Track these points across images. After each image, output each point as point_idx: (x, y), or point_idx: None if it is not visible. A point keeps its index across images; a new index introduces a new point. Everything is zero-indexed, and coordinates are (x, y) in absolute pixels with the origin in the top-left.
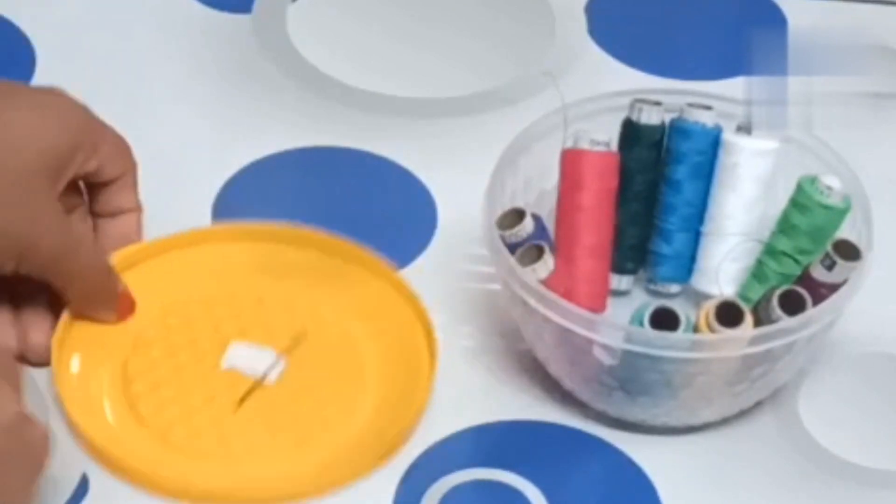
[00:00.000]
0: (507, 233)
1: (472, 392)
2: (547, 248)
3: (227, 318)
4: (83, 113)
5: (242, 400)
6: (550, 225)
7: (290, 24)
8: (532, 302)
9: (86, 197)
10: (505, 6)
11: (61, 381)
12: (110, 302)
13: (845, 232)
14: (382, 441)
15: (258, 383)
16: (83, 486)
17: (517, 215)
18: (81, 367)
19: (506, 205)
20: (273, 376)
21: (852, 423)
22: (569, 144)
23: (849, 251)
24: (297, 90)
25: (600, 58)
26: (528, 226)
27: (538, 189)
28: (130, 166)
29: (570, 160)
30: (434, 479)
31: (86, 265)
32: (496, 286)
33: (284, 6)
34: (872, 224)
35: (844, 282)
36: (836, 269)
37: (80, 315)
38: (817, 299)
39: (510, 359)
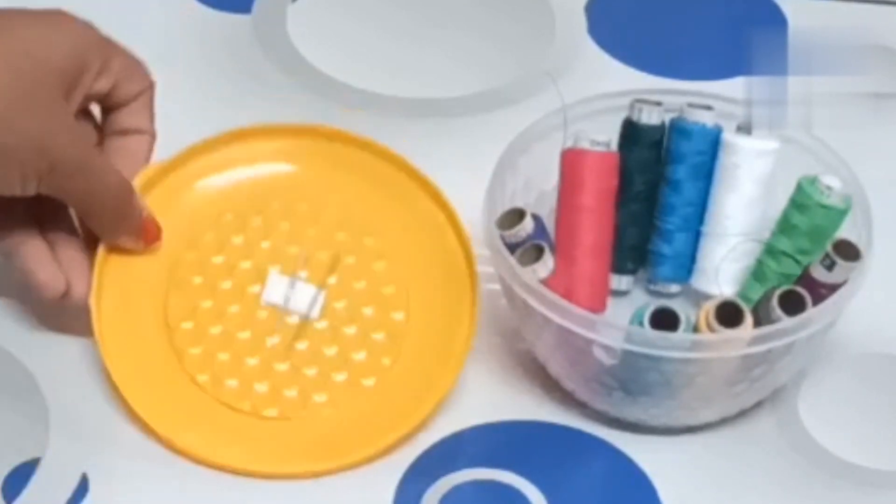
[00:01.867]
0: (507, 233)
1: (472, 392)
2: (547, 248)
3: (259, 240)
4: (92, 31)
5: (291, 344)
6: (550, 225)
7: (291, 24)
8: (532, 302)
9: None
10: (505, 6)
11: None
12: (134, 223)
13: (845, 232)
14: (438, 364)
15: (303, 324)
16: (83, 486)
17: (517, 215)
18: (117, 321)
19: (506, 205)
20: (315, 311)
21: (852, 424)
22: (569, 144)
23: (849, 251)
24: (297, 90)
25: (600, 58)
26: (527, 226)
27: (538, 189)
28: (146, 86)
29: (571, 160)
30: (434, 479)
31: (105, 182)
32: (496, 286)
33: (284, 6)
34: (872, 224)
35: (844, 282)
36: (836, 270)
37: (110, 248)
38: (817, 299)
39: (510, 359)
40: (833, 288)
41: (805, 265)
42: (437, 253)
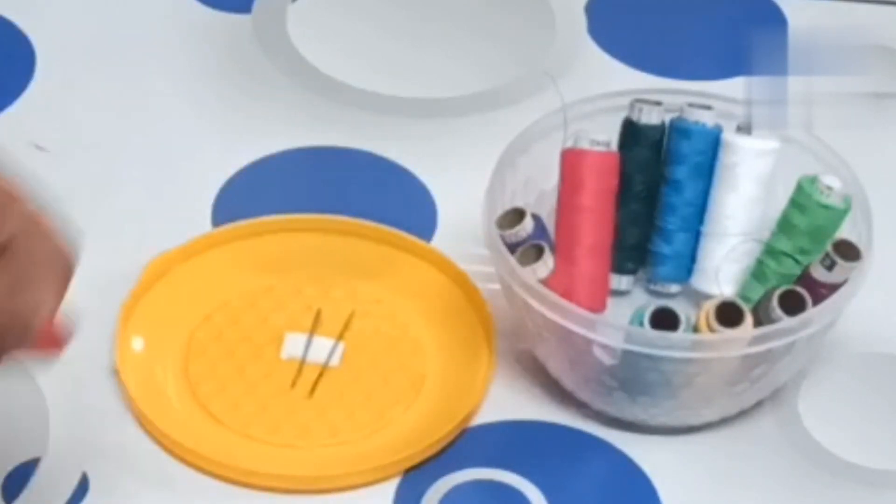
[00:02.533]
0: (507, 232)
1: None
2: (547, 248)
3: (272, 311)
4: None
5: (314, 387)
6: (550, 225)
7: (291, 24)
8: (532, 302)
9: None
10: (505, 6)
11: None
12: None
13: (845, 232)
14: (457, 405)
15: (325, 368)
16: (83, 486)
17: (517, 215)
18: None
19: (506, 205)
20: (336, 360)
21: (852, 423)
22: (569, 144)
23: (849, 251)
24: (297, 90)
25: (600, 58)
26: (527, 226)
27: (538, 189)
28: None
29: (570, 160)
30: (434, 479)
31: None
32: (496, 286)
33: (284, 6)
34: (872, 224)
35: (844, 282)
36: (836, 270)
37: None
38: (817, 299)
39: (510, 359)
40: (833, 288)
41: (805, 265)
42: (448, 304)
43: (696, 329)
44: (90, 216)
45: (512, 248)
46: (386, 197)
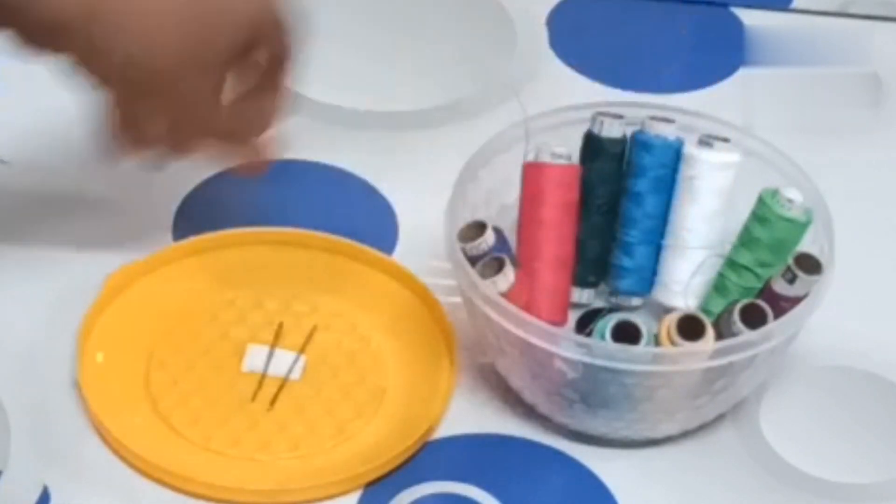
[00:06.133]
0: (468, 245)
1: None
2: (507, 261)
3: (233, 325)
4: None
5: (274, 400)
6: (512, 238)
7: None
8: (493, 315)
9: None
10: (466, 20)
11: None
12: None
13: (806, 245)
14: (418, 419)
15: (286, 381)
16: (44, 498)
17: (478, 228)
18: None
19: (467, 217)
20: (297, 373)
21: (813, 436)
22: (530, 157)
23: (810, 265)
24: None
25: (562, 71)
26: (489, 238)
27: (499, 202)
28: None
29: (532, 173)
30: (395, 492)
31: None
32: (457, 299)
33: None
34: (834, 237)
35: (806, 295)
36: (798, 283)
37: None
38: (778, 313)
39: (471, 372)
40: (794, 301)
41: (766, 278)
42: (409, 317)
43: (657, 342)
44: (52, 229)
45: (473, 260)
46: (347, 210)
